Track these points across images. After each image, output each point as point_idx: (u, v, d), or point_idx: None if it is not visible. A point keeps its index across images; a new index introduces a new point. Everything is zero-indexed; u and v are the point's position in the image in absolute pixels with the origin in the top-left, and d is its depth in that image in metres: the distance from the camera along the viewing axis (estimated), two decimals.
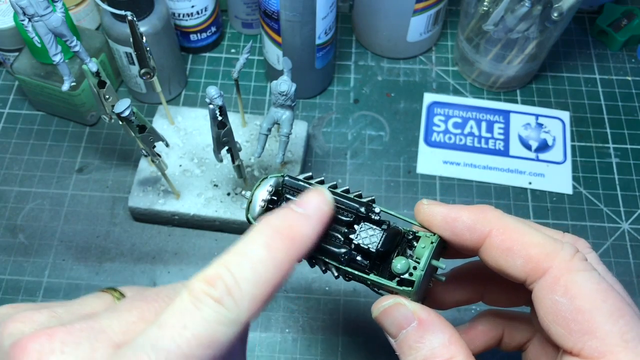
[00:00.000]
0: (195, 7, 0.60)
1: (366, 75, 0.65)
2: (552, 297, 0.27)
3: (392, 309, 0.29)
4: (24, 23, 0.40)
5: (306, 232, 0.25)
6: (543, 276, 0.27)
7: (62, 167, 0.59)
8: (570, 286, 0.26)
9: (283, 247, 0.24)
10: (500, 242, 0.28)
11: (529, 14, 0.54)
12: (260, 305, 0.23)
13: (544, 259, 0.27)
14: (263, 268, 0.23)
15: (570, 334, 0.26)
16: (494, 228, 0.29)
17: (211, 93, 0.40)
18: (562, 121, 0.62)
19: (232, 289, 0.23)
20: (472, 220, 0.29)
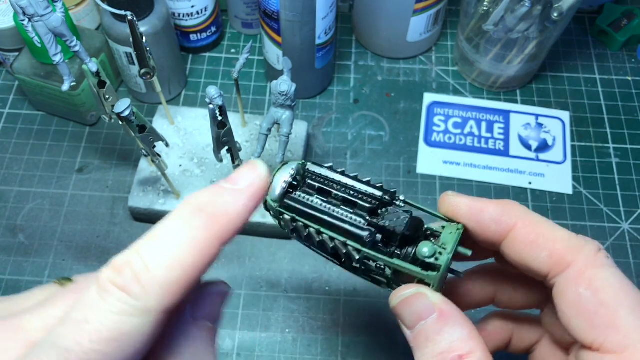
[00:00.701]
0: (195, 7, 0.60)
1: (366, 75, 0.65)
2: (576, 289, 0.27)
3: (413, 298, 0.28)
4: (24, 23, 0.40)
5: (233, 209, 0.23)
6: (567, 269, 0.27)
7: (62, 167, 0.59)
8: (595, 280, 0.26)
9: (203, 225, 0.22)
10: (525, 234, 0.28)
11: (529, 14, 0.54)
12: (177, 291, 0.21)
13: (569, 253, 0.27)
14: (178, 250, 0.21)
15: (593, 327, 0.26)
16: (519, 220, 0.29)
17: (211, 93, 0.40)
18: (562, 121, 0.62)
19: (140, 274, 0.21)
20: (498, 212, 0.29)
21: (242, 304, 0.51)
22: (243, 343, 0.50)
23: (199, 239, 0.22)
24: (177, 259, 0.21)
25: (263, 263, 0.53)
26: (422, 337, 0.27)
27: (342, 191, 0.30)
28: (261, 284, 0.52)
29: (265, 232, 0.54)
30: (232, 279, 0.52)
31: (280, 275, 0.53)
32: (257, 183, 0.25)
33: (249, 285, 0.52)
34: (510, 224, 0.29)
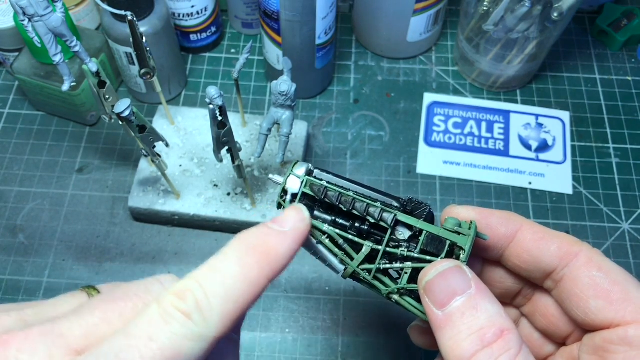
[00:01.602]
0: (195, 7, 0.60)
1: (366, 75, 0.65)
2: (590, 273, 0.29)
3: (450, 272, 0.27)
4: (24, 23, 0.40)
5: (282, 250, 0.26)
6: (576, 258, 0.30)
7: (62, 167, 0.59)
8: (602, 264, 0.29)
9: (256, 264, 0.24)
10: (533, 233, 0.31)
11: (529, 14, 0.54)
12: (230, 322, 0.23)
13: (574, 245, 0.30)
14: (234, 284, 0.23)
15: (612, 303, 0.28)
16: (524, 224, 0.31)
17: (211, 93, 0.40)
18: (562, 121, 0.62)
19: (202, 304, 0.23)
20: (504, 218, 0.31)
21: None
22: (243, 343, 0.50)
23: (253, 277, 0.24)
24: (234, 293, 0.23)
25: None
26: (456, 314, 0.26)
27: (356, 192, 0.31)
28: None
29: None
30: None
31: (280, 275, 0.53)
32: (301, 227, 0.27)
33: None
34: (517, 227, 0.31)
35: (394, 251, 0.30)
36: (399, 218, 0.30)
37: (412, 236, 0.30)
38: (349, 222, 0.31)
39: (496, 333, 0.25)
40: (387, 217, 0.30)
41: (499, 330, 0.25)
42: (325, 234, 0.30)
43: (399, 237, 0.30)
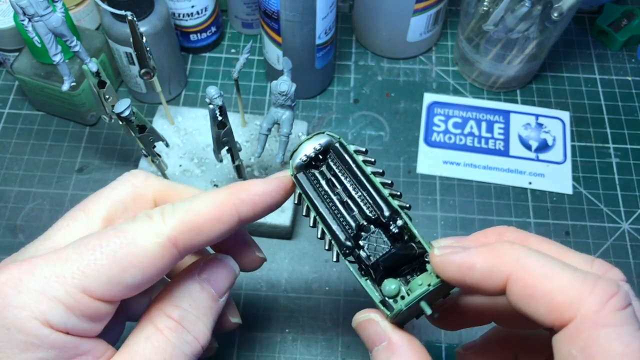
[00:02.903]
0: (195, 7, 0.60)
1: (366, 75, 0.65)
2: (569, 349, 0.23)
3: (366, 323, 0.29)
4: (24, 23, 0.40)
5: (252, 187, 0.29)
6: (567, 326, 0.23)
7: (62, 167, 0.59)
8: (591, 344, 0.22)
9: (224, 192, 0.28)
10: (520, 289, 0.25)
11: (529, 14, 0.54)
12: (187, 230, 0.27)
13: (569, 308, 0.23)
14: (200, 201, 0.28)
15: None
16: (512, 272, 0.25)
17: (211, 93, 0.40)
18: (562, 121, 0.62)
19: (165, 209, 0.27)
20: (488, 267, 0.26)
21: (242, 304, 0.51)
22: (243, 343, 0.50)
23: (218, 200, 0.28)
24: (197, 207, 0.27)
25: None
26: None
27: (353, 187, 0.31)
28: (261, 284, 0.52)
29: (265, 232, 0.54)
30: None
31: (280, 275, 0.53)
32: (280, 176, 0.30)
33: (249, 285, 0.52)
34: (504, 278, 0.25)
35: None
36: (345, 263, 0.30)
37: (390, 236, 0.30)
38: None
39: None
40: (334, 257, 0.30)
41: None
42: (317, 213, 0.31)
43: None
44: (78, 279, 0.25)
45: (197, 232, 0.27)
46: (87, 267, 0.25)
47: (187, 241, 0.27)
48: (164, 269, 0.27)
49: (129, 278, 0.26)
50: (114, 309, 0.27)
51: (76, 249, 0.26)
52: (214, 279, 0.29)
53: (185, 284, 0.28)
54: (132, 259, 0.26)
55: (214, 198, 0.28)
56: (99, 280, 0.25)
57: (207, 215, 0.27)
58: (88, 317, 0.26)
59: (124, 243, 0.26)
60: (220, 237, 0.29)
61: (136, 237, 0.26)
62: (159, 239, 0.26)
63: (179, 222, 0.27)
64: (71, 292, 0.25)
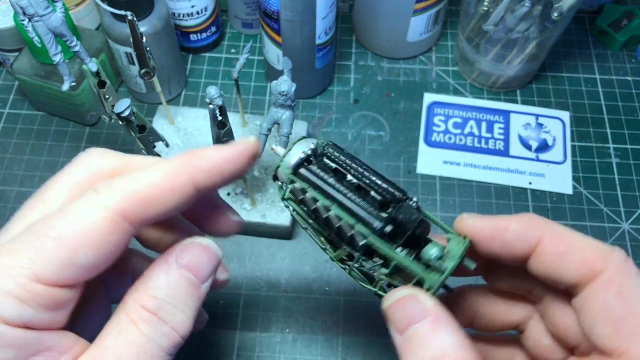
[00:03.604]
0: (195, 7, 0.60)
1: (366, 75, 0.65)
2: (604, 296, 0.26)
3: (407, 300, 0.27)
4: (24, 23, 0.40)
5: (209, 153, 0.27)
6: (597, 277, 0.27)
7: (62, 167, 0.58)
8: (624, 288, 0.26)
9: (178, 160, 0.27)
10: (553, 246, 0.28)
11: (529, 14, 0.54)
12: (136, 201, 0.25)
13: (599, 261, 0.27)
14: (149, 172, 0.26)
15: (619, 333, 0.26)
16: (545, 234, 0.28)
17: (211, 93, 0.40)
18: (562, 121, 0.62)
19: (113, 181, 0.26)
20: (522, 229, 0.28)
21: (242, 304, 0.51)
22: (243, 343, 0.50)
23: (171, 169, 0.26)
24: (148, 179, 0.26)
25: (263, 263, 0.53)
26: (412, 342, 0.26)
27: (358, 177, 0.30)
28: (261, 284, 0.52)
29: (265, 232, 0.54)
30: (232, 279, 0.52)
31: (280, 275, 0.53)
32: (242, 142, 0.28)
33: (249, 285, 0.52)
34: (537, 238, 0.28)
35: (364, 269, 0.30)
36: (372, 244, 0.28)
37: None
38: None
39: None
40: (358, 241, 0.28)
41: None
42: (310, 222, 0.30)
43: None
44: (27, 268, 0.23)
45: (148, 203, 0.26)
46: (35, 254, 0.24)
47: (139, 213, 0.25)
48: (118, 244, 0.25)
49: (81, 259, 0.24)
50: (76, 294, 0.26)
51: (23, 238, 0.24)
52: (194, 264, 0.27)
53: (162, 271, 0.27)
54: (81, 237, 0.24)
55: (167, 167, 0.26)
56: (50, 266, 0.24)
57: (159, 184, 0.26)
58: (46, 306, 0.24)
59: (70, 222, 0.24)
60: (178, 208, 0.27)
61: (83, 214, 0.24)
62: (106, 213, 0.25)
63: (127, 194, 0.25)
64: (22, 282, 0.23)
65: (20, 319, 0.23)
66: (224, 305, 0.51)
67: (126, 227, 0.25)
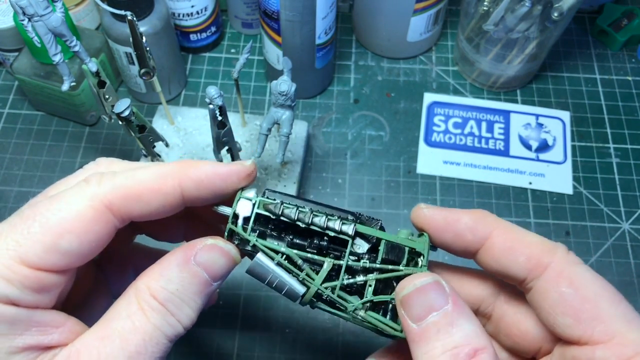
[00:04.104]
0: (195, 7, 0.60)
1: (366, 75, 0.65)
2: (558, 289, 0.27)
3: (428, 287, 0.27)
4: (24, 23, 0.40)
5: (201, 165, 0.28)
6: (545, 271, 0.28)
7: (62, 167, 0.59)
8: (574, 278, 0.28)
9: (170, 165, 0.28)
10: (502, 241, 0.29)
11: (529, 14, 0.54)
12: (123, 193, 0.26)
13: (545, 255, 0.28)
14: (141, 171, 0.27)
15: (579, 322, 0.27)
16: (494, 229, 0.29)
17: (211, 93, 0.40)
18: (563, 121, 0.62)
19: (105, 175, 0.27)
20: (473, 222, 0.30)
21: (242, 304, 0.51)
22: (243, 343, 0.50)
23: (162, 171, 0.28)
24: (138, 176, 0.27)
25: None
26: (431, 330, 0.25)
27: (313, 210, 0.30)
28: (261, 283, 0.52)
29: None
30: (232, 279, 0.52)
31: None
32: (239, 163, 0.29)
33: (249, 285, 0.52)
34: (487, 233, 0.29)
35: (355, 264, 0.29)
36: (358, 229, 0.29)
37: (370, 249, 0.30)
38: (307, 241, 0.30)
39: (469, 353, 0.24)
40: (347, 228, 0.29)
41: (473, 350, 0.24)
42: (283, 254, 0.29)
43: (357, 251, 0.30)
44: (13, 250, 0.24)
45: (134, 199, 0.27)
46: (21, 237, 0.25)
47: (124, 207, 0.27)
48: (101, 234, 0.26)
49: (65, 244, 0.25)
50: (64, 280, 0.26)
51: (11, 221, 0.25)
52: (211, 265, 0.28)
53: (177, 265, 0.27)
54: (66, 223, 0.25)
55: (159, 169, 0.28)
56: (35, 249, 0.25)
57: (148, 183, 0.27)
58: (31, 288, 0.25)
59: (57, 209, 0.25)
60: (162, 210, 0.28)
61: (70, 202, 0.26)
62: (92, 202, 0.26)
63: (115, 187, 0.26)
64: (7, 263, 0.24)
65: (7, 297, 0.24)
66: (224, 305, 0.51)
67: (110, 218, 0.26)
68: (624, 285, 0.53)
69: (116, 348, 0.25)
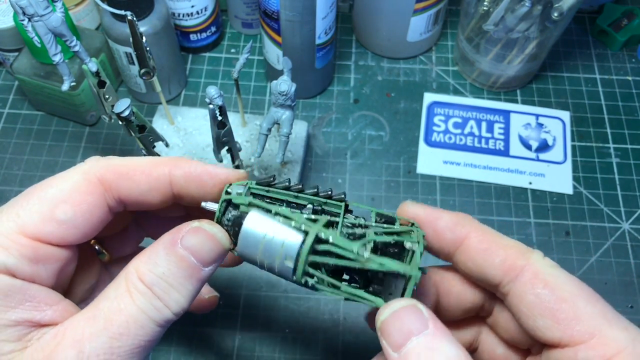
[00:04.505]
0: (195, 7, 0.60)
1: (366, 75, 0.65)
2: (534, 291, 0.28)
3: (404, 312, 0.26)
4: (24, 23, 0.40)
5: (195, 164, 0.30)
6: (521, 274, 0.28)
7: (62, 167, 0.59)
8: (550, 279, 0.28)
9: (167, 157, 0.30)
10: (478, 242, 0.30)
11: (529, 14, 0.54)
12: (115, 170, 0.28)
13: (520, 257, 0.29)
14: (137, 158, 0.30)
15: (558, 322, 0.27)
16: (472, 231, 0.30)
17: (211, 93, 0.40)
18: (563, 121, 0.62)
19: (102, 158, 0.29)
20: (452, 221, 0.30)
21: (242, 304, 0.51)
22: (243, 343, 0.50)
23: (154, 159, 0.30)
24: (132, 160, 0.29)
25: None
26: (412, 356, 0.25)
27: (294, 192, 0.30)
28: (261, 284, 0.52)
29: None
30: (232, 279, 0.52)
31: None
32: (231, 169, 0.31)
33: (249, 285, 0.52)
34: (464, 233, 0.30)
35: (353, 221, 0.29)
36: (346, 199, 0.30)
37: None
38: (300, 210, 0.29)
39: None
40: (339, 193, 0.30)
41: None
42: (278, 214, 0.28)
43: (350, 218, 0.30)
44: (12, 221, 0.26)
45: (125, 177, 0.29)
46: (20, 209, 0.27)
47: (114, 182, 0.29)
48: (94, 206, 0.28)
49: (60, 214, 0.27)
50: (62, 256, 0.27)
51: (13, 200, 0.28)
52: (198, 249, 0.28)
53: (164, 249, 0.27)
54: (61, 194, 0.27)
55: (153, 158, 0.30)
56: (32, 219, 0.26)
57: (140, 166, 0.29)
58: (28, 257, 0.26)
59: (55, 184, 0.28)
60: (150, 196, 0.29)
61: (65, 177, 0.28)
62: (86, 175, 0.28)
63: (109, 165, 0.29)
64: (6, 233, 0.26)
65: (4, 265, 0.25)
66: (224, 305, 0.51)
67: (102, 191, 0.28)
68: (624, 285, 0.53)
69: (99, 328, 0.25)
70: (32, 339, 0.26)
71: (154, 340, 0.27)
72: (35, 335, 0.26)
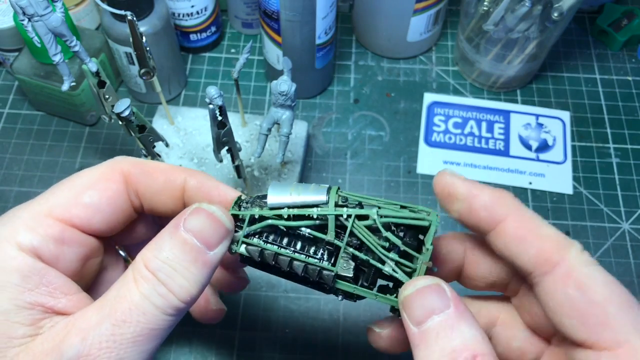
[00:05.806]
0: (195, 7, 0.60)
1: (366, 75, 0.65)
2: (565, 290, 0.27)
3: (429, 290, 0.26)
4: (24, 23, 0.40)
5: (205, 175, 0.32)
6: (554, 269, 0.27)
7: (62, 167, 0.59)
8: (583, 279, 0.26)
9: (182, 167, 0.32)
10: (515, 229, 0.28)
11: (529, 14, 0.54)
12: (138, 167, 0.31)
13: (557, 253, 0.27)
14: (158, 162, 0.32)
15: (585, 325, 0.26)
16: (511, 214, 0.28)
17: (211, 93, 0.40)
18: (563, 121, 0.62)
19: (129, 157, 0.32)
20: (491, 201, 0.29)
21: (242, 304, 0.51)
22: (243, 343, 0.50)
23: (173, 165, 0.32)
24: (153, 162, 0.32)
25: None
26: (431, 334, 0.25)
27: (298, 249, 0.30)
28: (261, 284, 0.52)
29: None
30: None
31: None
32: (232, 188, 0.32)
33: (249, 285, 0.52)
34: (502, 216, 0.28)
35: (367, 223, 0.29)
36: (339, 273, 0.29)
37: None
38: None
39: (467, 358, 0.24)
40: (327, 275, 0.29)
41: (471, 356, 0.24)
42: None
43: None
44: (43, 204, 0.28)
45: (146, 173, 0.31)
46: (51, 195, 0.29)
47: (135, 176, 0.31)
48: (117, 194, 0.30)
49: (86, 198, 0.29)
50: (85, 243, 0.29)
51: (50, 188, 0.30)
52: (200, 230, 0.28)
53: (169, 233, 0.27)
54: (88, 181, 0.30)
55: (173, 165, 0.32)
56: (60, 202, 0.28)
57: (161, 167, 0.32)
58: (54, 238, 0.27)
59: (83, 174, 0.30)
60: (165, 195, 0.31)
61: (94, 169, 0.30)
62: (112, 166, 0.30)
63: (134, 161, 0.31)
64: (35, 215, 0.28)
65: (30, 242, 0.27)
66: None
67: (124, 182, 0.30)
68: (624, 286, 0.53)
69: (104, 315, 0.25)
70: (44, 327, 0.26)
71: (161, 329, 0.26)
72: (48, 324, 0.26)
